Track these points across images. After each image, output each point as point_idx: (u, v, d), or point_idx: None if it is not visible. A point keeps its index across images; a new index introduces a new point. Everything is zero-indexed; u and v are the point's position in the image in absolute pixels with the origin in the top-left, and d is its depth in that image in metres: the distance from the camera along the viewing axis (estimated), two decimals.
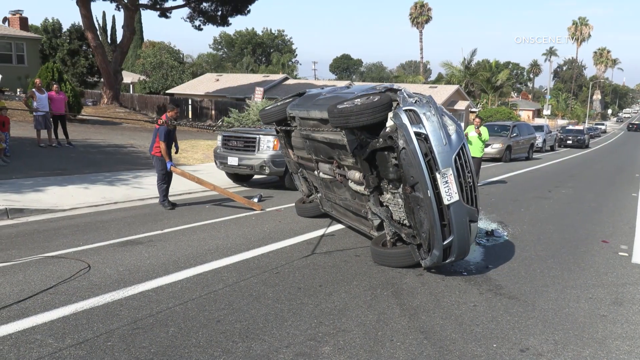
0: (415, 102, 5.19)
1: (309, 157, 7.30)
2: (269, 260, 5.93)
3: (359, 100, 5.48)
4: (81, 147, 15.16)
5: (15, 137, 14.22)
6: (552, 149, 32.65)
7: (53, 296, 4.62)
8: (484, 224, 8.40)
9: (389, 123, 5.23)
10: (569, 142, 36.55)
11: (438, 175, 4.98)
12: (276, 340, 3.91)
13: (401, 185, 5.41)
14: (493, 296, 5.07)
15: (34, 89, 14.07)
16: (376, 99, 5.28)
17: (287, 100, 7.78)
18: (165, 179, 8.80)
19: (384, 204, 5.91)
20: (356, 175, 6.15)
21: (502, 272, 5.85)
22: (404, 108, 5.10)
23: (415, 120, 5.04)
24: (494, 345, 3.98)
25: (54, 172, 11.13)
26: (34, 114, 13.90)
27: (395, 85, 5.67)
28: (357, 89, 6.55)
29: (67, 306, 4.40)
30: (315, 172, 7.34)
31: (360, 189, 6.18)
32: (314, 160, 7.22)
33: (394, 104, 5.30)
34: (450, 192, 5.02)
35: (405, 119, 5.02)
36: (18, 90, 27.06)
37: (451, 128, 5.23)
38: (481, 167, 13.47)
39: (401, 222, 5.75)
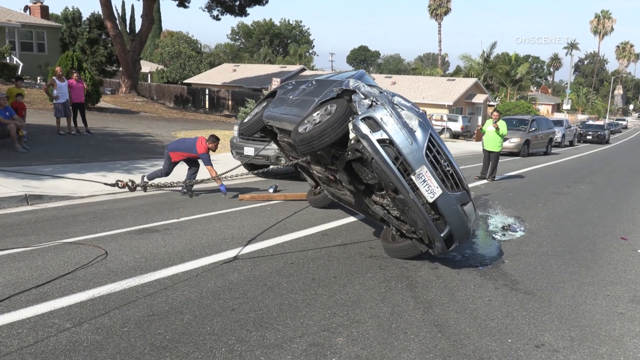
0: (371, 105, 5.06)
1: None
2: (284, 251, 5.95)
3: (317, 114, 5.37)
4: (99, 135, 15.31)
5: (35, 124, 14.43)
6: (571, 144, 32.21)
7: (71, 282, 4.68)
8: (500, 218, 8.34)
9: (351, 135, 5.09)
10: (589, 137, 36.05)
11: (413, 177, 4.88)
12: (290, 330, 3.93)
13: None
14: (509, 291, 5.03)
15: (54, 77, 14.23)
16: (333, 110, 5.15)
17: (263, 105, 7.65)
18: (167, 174, 9.16)
19: (377, 202, 5.86)
20: (344, 177, 6.08)
21: (518, 267, 5.80)
22: (361, 117, 4.95)
23: (375, 126, 4.90)
24: (509, 341, 3.95)
25: (73, 160, 11.27)
26: (54, 102, 14.07)
27: (351, 83, 5.48)
28: (321, 82, 6.47)
29: (85, 292, 4.46)
30: (311, 171, 7.30)
31: (353, 188, 6.14)
32: (305, 161, 7.17)
33: (353, 105, 5.15)
34: (431, 189, 4.91)
35: (365, 129, 4.88)
36: (38, 78, 27.41)
37: (413, 122, 5.05)
38: (499, 161, 13.35)
39: (399, 218, 5.70)
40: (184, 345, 3.62)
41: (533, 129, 22.41)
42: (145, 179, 9.11)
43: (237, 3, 30.95)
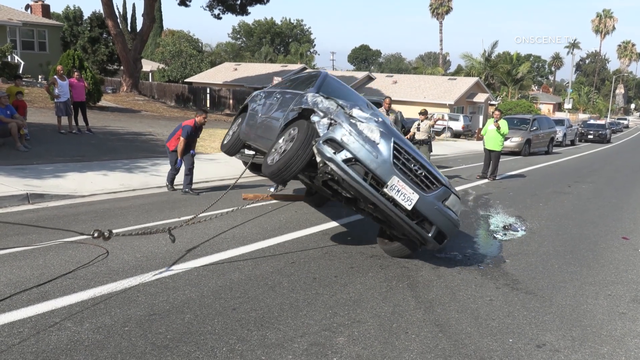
0: (331, 124, 5.04)
1: None
2: (285, 250, 5.95)
3: (282, 140, 5.42)
4: (100, 134, 15.31)
5: (36, 123, 14.43)
6: (572, 143, 32.19)
7: (72, 281, 4.68)
8: (501, 217, 8.33)
9: (318, 158, 5.07)
10: (590, 136, 36.05)
11: (387, 190, 4.87)
12: (291, 330, 3.93)
13: None
14: (510, 291, 5.02)
15: (55, 76, 14.23)
16: (296, 135, 5.19)
17: (238, 122, 7.89)
18: (176, 171, 9.35)
19: (365, 210, 5.86)
20: (326, 191, 6.06)
21: (519, 267, 5.79)
22: (322, 140, 4.96)
23: (338, 147, 4.89)
24: (510, 340, 3.95)
25: (74, 159, 11.26)
26: (55, 100, 14.06)
27: (310, 99, 5.49)
28: (284, 94, 6.63)
29: (86, 291, 4.46)
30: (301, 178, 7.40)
31: (337, 199, 6.16)
32: None
33: (313, 126, 5.16)
34: (407, 197, 4.91)
35: (328, 152, 4.89)
36: (40, 77, 27.41)
37: (375, 135, 4.99)
38: (500, 160, 13.34)
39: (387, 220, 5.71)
40: (185, 345, 3.62)
41: (534, 128, 22.39)
42: (168, 184, 9.34)
43: (239, 2, 30.92)
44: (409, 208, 4.93)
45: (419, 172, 5.10)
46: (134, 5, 50.31)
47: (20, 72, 24.71)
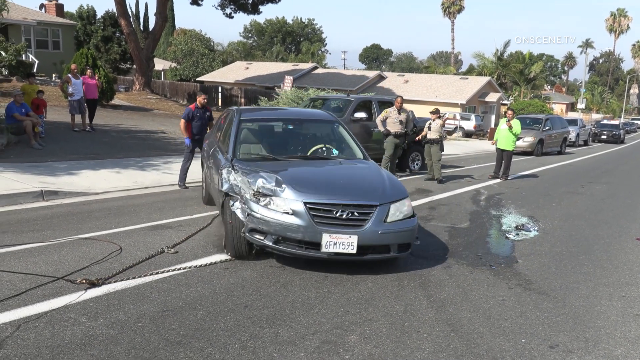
0: (248, 215, 5.05)
1: None
2: None
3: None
4: (113, 132, 15.43)
5: (50, 121, 14.57)
6: (585, 143, 31.90)
7: (86, 277, 4.72)
8: (514, 217, 8.28)
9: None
10: (604, 137, 35.72)
11: (324, 249, 4.83)
12: (303, 328, 3.94)
13: None
14: (522, 291, 4.99)
15: (69, 75, 14.35)
16: (229, 225, 5.30)
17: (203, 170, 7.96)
18: (189, 158, 9.30)
19: None
20: None
21: (531, 267, 5.76)
22: (247, 232, 5.08)
23: (263, 233, 4.98)
24: (523, 341, 3.93)
25: (87, 156, 11.37)
26: (69, 99, 14.19)
27: (224, 178, 5.48)
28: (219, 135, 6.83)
29: (100, 287, 4.50)
30: None
31: None
32: None
33: (233, 210, 5.23)
34: (346, 244, 4.82)
35: (259, 240, 5.03)
36: (53, 75, 27.66)
37: (285, 204, 4.95)
38: (512, 160, 13.25)
39: None
40: (198, 341, 3.64)
41: (547, 128, 22.21)
42: (180, 183, 9.37)
43: (250, 1, 30.96)
44: (354, 252, 4.87)
45: (346, 215, 4.94)
46: (146, 4, 50.65)
47: (35, 70, 24.93)
